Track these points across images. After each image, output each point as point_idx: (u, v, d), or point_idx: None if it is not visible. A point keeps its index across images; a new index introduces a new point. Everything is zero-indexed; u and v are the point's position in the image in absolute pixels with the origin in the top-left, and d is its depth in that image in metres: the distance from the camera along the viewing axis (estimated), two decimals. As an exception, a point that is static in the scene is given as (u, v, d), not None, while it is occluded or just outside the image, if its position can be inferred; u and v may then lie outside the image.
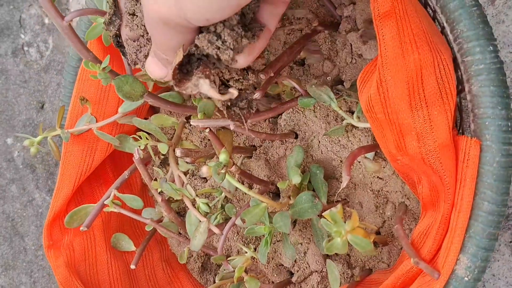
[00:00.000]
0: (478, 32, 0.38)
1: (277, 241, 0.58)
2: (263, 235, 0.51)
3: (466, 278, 0.40)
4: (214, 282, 0.64)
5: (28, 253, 1.04)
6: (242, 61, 0.37)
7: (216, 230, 0.50)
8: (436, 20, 0.44)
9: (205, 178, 0.64)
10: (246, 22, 0.38)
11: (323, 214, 0.42)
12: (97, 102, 0.59)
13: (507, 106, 0.38)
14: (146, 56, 0.41)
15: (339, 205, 0.41)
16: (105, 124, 0.58)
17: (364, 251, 0.41)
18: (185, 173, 0.55)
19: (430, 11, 0.44)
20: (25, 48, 0.95)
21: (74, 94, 0.60)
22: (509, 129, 0.38)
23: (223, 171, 0.44)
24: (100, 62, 0.43)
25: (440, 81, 0.39)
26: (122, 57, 0.47)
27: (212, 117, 0.48)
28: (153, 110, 0.66)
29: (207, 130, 0.48)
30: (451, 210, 0.41)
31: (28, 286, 1.04)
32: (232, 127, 0.46)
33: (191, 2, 0.31)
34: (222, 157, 0.45)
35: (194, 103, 0.49)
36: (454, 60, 0.40)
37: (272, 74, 0.43)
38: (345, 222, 0.40)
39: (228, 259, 0.54)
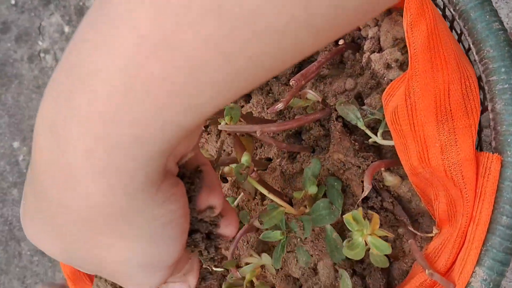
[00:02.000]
0: (504, 54, 0.40)
1: (288, 252, 0.58)
2: (273, 246, 0.52)
3: (481, 291, 0.41)
4: (219, 292, 0.64)
5: (22, 258, 1.03)
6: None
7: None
8: (460, 42, 0.46)
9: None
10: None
11: (344, 216, 0.44)
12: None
13: (529, 125, 0.40)
14: None
15: (359, 208, 0.42)
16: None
17: (382, 253, 0.42)
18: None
19: (455, 35, 0.47)
20: (42, 55, 0.96)
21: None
22: (530, 147, 0.40)
23: (245, 171, 0.46)
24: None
25: (466, 97, 0.41)
26: None
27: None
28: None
29: (232, 135, 0.50)
30: (469, 223, 0.42)
31: (20, 292, 1.02)
32: (258, 134, 0.48)
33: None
34: (245, 158, 0.47)
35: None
36: (478, 80, 0.42)
37: (303, 82, 0.45)
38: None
39: (243, 261, 0.55)
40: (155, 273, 0.30)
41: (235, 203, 0.60)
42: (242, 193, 0.61)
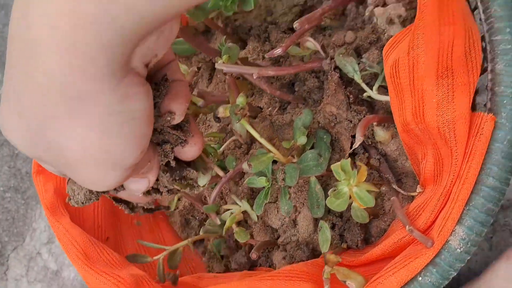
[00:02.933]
0: (510, 14, 0.40)
1: (269, 202, 0.58)
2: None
3: (458, 250, 0.41)
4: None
5: (-3, 193, 1.02)
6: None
7: (220, 173, 0.50)
8: (467, 1, 0.46)
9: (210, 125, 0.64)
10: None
11: (332, 166, 0.44)
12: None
13: (527, 88, 0.40)
14: None
15: (348, 158, 0.42)
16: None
17: (365, 205, 0.42)
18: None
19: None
20: None
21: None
22: (526, 110, 0.40)
23: (240, 112, 0.45)
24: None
25: (468, 55, 0.40)
26: None
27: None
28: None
29: (228, 75, 0.49)
30: (455, 182, 0.42)
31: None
32: (255, 76, 0.47)
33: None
34: (240, 100, 0.46)
35: (218, 48, 0.50)
36: (481, 40, 0.42)
37: (306, 26, 0.44)
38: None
39: (223, 207, 0.55)
40: (111, 172, 0.30)
41: (221, 149, 0.60)
42: (227, 141, 0.61)
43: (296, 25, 0.43)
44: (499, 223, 0.58)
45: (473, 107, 0.48)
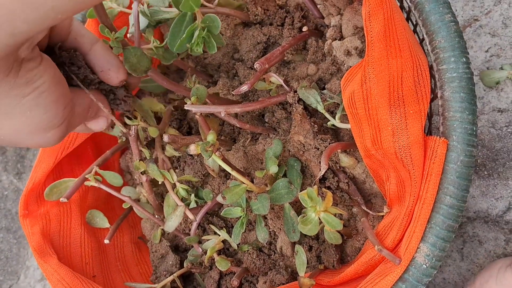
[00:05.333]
0: (454, 44, 0.43)
1: (249, 230, 0.61)
2: (235, 223, 0.54)
3: (424, 265, 0.44)
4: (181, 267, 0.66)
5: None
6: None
7: (191, 216, 0.53)
8: (416, 33, 0.49)
9: (183, 169, 0.67)
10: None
11: (299, 194, 0.46)
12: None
13: (473, 112, 0.43)
14: None
15: (315, 186, 0.44)
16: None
17: (334, 229, 0.44)
18: (169, 159, 0.58)
19: (411, 25, 0.50)
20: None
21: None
22: (474, 132, 0.43)
23: (210, 149, 0.47)
24: (115, 31, 0.45)
25: (418, 85, 0.44)
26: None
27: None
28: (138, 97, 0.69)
29: (198, 115, 0.52)
30: (416, 202, 0.45)
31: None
32: (222, 114, 0.50)
33: None
34: (210, 137, 0.49)
35: (188, 86, 0.53)
36: (430, 69, 0.45)
37: (266, 66, 0.47)
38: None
39: (203, 237, 0.57)
40: (47, 134, 0.38)
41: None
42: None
43: (256, 65, 0.46)
44: (468, 235, 0.60)
45: (430, 131, 0.51)
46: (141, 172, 0.56)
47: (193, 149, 0.48)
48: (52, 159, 0.62)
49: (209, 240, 0.58)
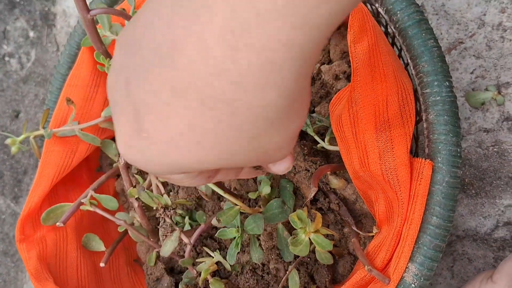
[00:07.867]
0: (437, 69, 0.44)
1: (243, 251, 0.61)
2: (229, 245, 0.54)
3: (413, 285, 0.44)
4: (176, 289, 0.66)
5: (-19, 259, 1.03)
6: None
7: (186, 240, 0.54)
8: (401, 58, 0.51)
9: (177, 191, 0.68)
10: None
11: (290, 216, 0.47)
12: (82, 107, 0.63)
13: (457, 134, 0.44)
14: None
15: (305, 208, 0.45)
16: (87, 126, 0.61)
17: (324, 250, 0.45)
18: (162, 184, 0.59)
19: (396, 50, 0.51)
20: (6, 58, 0.97)
21: (61, 98, 0.63)
22: (458, 154, 0.44)
23: (203, 173, 0.48)
24: (110, 57, 0.46)
25: (403, 108, 0.45)
26: None
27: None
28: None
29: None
30: (404, 223, 0.46)
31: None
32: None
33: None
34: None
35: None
36: (415, 92, 0.47)
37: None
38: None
39: (197, 259, 0.57)
40: (293, 141, 0.28)
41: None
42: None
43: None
44: (458, 253, 0.61)
45: (416, 153, 0.52)
46: (135, 198, 0.57)
47: (185, 173, 0.49)
48: (48, 182, 0.62)
49: (203, 262, 0.58)
